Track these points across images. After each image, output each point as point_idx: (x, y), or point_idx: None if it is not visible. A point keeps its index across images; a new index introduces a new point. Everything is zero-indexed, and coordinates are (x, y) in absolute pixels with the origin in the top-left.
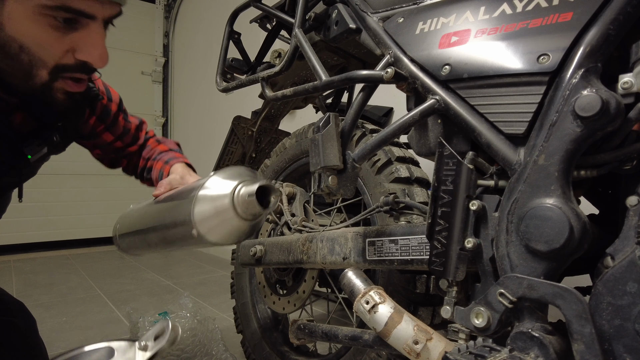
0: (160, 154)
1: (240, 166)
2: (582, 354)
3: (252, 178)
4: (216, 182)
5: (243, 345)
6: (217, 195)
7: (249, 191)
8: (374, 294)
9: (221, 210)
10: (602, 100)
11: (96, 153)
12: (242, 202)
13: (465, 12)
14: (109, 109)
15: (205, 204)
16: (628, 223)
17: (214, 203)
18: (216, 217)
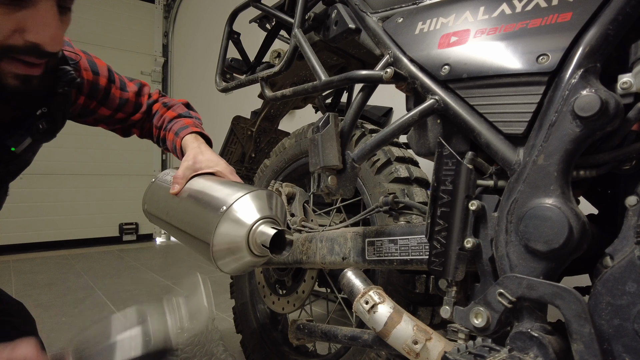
0: (170, 123)
1: (264, 191)
2: (582, 354)
3: (272, 212)
4: (236, 212)
5: (242, 345)
6: (234, 233)
7: (264, 239)
8: (373, 294)
9: (236, 249)
10: (601, 100)
11: (102, 126)
12: (256, 245)
13: (465, 12)
14: (97, 85)
15: (223, 240)
16: (627, 223)
17: (231, 240)
18: (231, 252)
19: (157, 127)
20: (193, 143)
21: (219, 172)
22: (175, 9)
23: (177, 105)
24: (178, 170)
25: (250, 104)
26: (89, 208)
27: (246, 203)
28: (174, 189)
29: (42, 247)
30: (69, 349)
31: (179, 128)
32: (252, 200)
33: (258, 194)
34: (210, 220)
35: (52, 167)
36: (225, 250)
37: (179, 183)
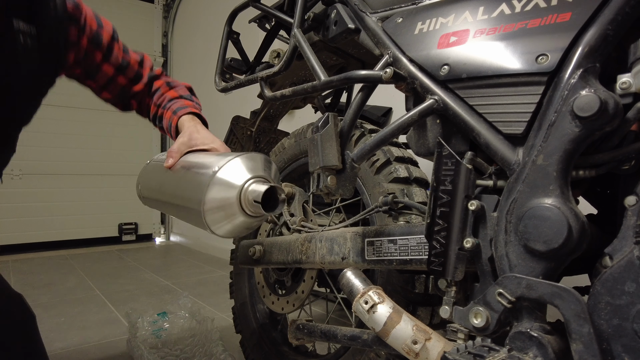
0: (170, 102)
1: (257, 154)
2: (581, 354)
3: (265, 173)
4: (228, 172)
5: (242, 345)
6: (225, 192)
7: (255, 195)
8: (372, 294)
9: (227, 207)
10: (600, 101)
11: (105, 96)
12: (248, 202)
13: (464, 12)
14: (100, 35)
15: (214, 198)
16: (626, 223)
17: (222, 198)
18: (223, 211)
19: (157, 104)
20: (189, 122)
21: (214, 149)
22: (175, 9)
23: (180, 86)
24: (173, 145)
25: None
26: (89, 208)
27: (237, 164)
28: (167, 162)
29: (42, 247)
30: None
31: (177, 107)
32: (243, 161)
33: (251, 156)
34: (202, 184)
35: (52, 167)
36: (217, 211)
37: (173, 157)
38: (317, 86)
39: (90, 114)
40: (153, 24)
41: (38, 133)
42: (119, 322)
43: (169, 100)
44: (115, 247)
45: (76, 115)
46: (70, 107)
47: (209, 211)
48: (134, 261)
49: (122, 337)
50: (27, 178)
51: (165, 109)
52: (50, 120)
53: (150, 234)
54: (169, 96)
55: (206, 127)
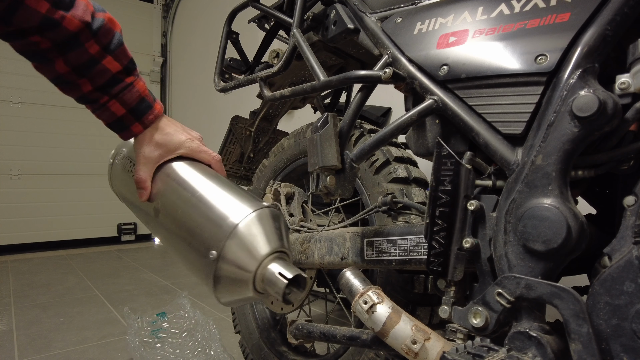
0: (116, 84)
1: (274, 212)
2: (580, 354)
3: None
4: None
5: (241, 345)
6: (241, 267)
7: (277, 289)
8: (372, 294)
9: (240, 285)
10: (599, 101)
11: None
12: (265, 284)
13: (463, 12)
14: None
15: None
16: (625, 223)
17: (236, 273)
18: (232, 290)
19: (77, 69)
20: (159, 133)
21: (185, 154)
22: (174, 9)
23: (114, 37)
24: (136, 169)
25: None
26: (88, 208)
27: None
28: (141, 195)
29: (40, 247)
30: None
31: (136, 103)
32: (248, 233)
33: (255, 219)
34: (202, 264)
35: (51, 167)
36: (228, 299)
37: (143, 187)
38: (316, 86)
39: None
40: (152, 23)
41: (37, 133)
42: (117, 322)
43: (111, 80)
44: (114, 247)
45: (75, 115)
46: (69, 107)
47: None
48: (133, 261)
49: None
50: (26, 178)
51: (108, 94)
52: (49, 120)
53: (150, 234)
54: (108, 69)
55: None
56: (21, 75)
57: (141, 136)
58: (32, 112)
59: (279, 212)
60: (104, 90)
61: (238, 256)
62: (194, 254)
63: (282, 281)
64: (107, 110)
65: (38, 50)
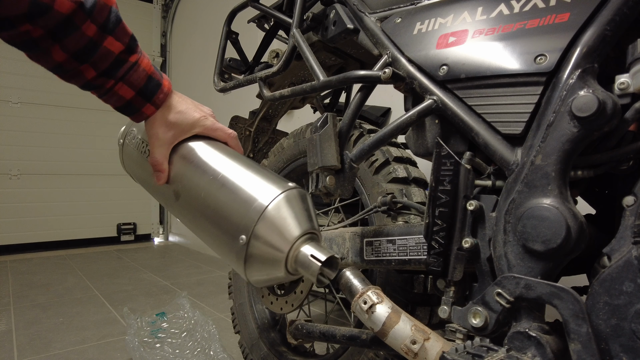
0: (120, 66)
1: (297, 189)
2: (579, 354)
3: (314, 229)
4: (275, 221)
5: (241, 345)
6: (273, 250)
7: (312, 272)
8: (371, 294)
9: (273, 266)
10: (598, 101)
11: None
12: (298, 265)
13: (463, 12)
14: None
15: (258, 271)
16: (624, 223)
17: (268, 256)
18: (264, 271)
19: (76, 55)
20: (172, 111)
21: (200, 133)
22: (174, 9)
23: (110, 13)
24: (151, 152)
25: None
26: (87, 208)
27: (272, 225)
28: (158, 179)
29: (40, 247)
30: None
31: (144, 83)
32: (279, 215)
33: (287, 198)
34: (232, 247)
35: (50, 167)
36: (260, 275)
37: (160, 170)
38: (316, 86)
39: (89, 113)
40: (152, 23)
41: (36, 133)
42: (117, 322)
43: (115, 62)
44: (114, 247)
45: (74, 115)
46: (69, 107)
47: (251, 275)
48: (132, 261)
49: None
50: (25, 178)
51: (113, 78)
52: (48, 120)
53: (149, 234)
54: (112, 51)
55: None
56: (20, 75)
57: (152, 116)
58: (31, 112)
59: (305, 192)
60: (108, 74)
61: (269, 239)
62: (224, 237)
63: (316, 264)
64: (115, 94)
65: (29, 39)
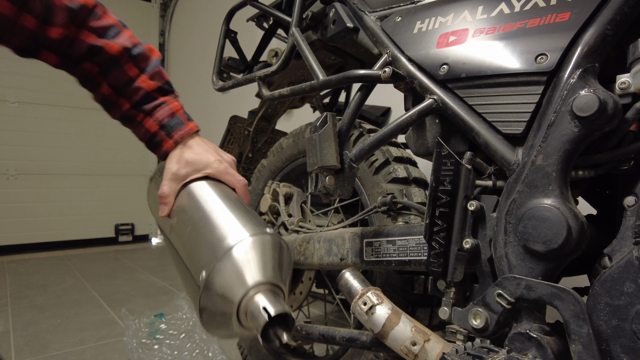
0: (150, 102)
1: (277, 241)
2: (580, 355)
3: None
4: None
5: (239, 347)
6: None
7: (257, 325)
8: (371, 295)
9: (224, 315)
10: (599, 101)
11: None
12: (248, 317)
13: (463, 11)
14: None
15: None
16: (625, 223)
17: (219, 311)
18: (219, 324)
19: (117, 90)
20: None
21: (211, 175)
22: (172, 8)
23: (151, 62)
24: (162, 184)
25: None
26: (85, 208)
27: (231, 267)
28: (161, 211)
29: (37, 248)
30: None
31: (168, 120)
32: (241, 258)
33: (253, 244)
34: (193, 290)
35: (48, 167)
36: (212, 324)
37: (165, 203)
38: (315, 85)
39: (87, 113)
40: (150, 22)
41: (34, 133)
42: (115, 324)
43: (144, 97)
44: (112, 248)
45: (72, 115)
46: (67, 107)
47: (205, 321)
48: (130, 262)
49: (118, 339)
50: (23, 178)
51: (142, 111)
52: (46, 120)
53: (147, 235)
54: (143, 88)
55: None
56: (18, 74)
57: (172, 153)
58: (29, 112)
59: (283, 243)
60: (139, 107)
61: (225, 281)
62: (189, 277)
63: (263, 317)
64: (143, 127)
65: (91, 77)
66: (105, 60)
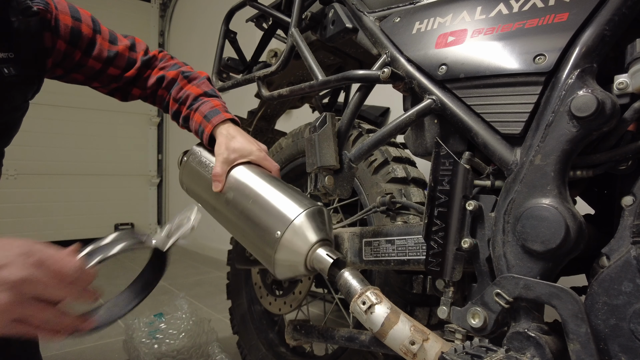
0: (196, 102)
1: (317, 207)
2: (578, 354)
3: (328, 231)
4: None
5: (239, 346)
6: (293, 257)
7: (322, 267)
8: (370, 295)
9: (295, 269)
10: (597, 101)
11: (96, 86)
12: (312, 266)
13: (462, 12)
14: (79, 32)
15: (282, 260)
16: (623, 223)
17: (289, 262)
18: (290, 270)
19: (178, 100)
20: (224, 130)
21: (253, 161)
22: (171, 8)
23: (199, 78)
24: (215, 166)
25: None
26: (84, 208)
27: (301, 227)
28: (216, 187)
29: None
30: None
31: (208, 111)
32: (306, 222)
33: (310, 213)
34: (267, 245)
35: (47, 167)
36: (285, 267)
37: (219, 181)
38: (314, 86)
39: (87, 113)
40: (149, 22)
41: (33, 133)
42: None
43: (194, 99)
44: None
45: (72, 114)
46: (66, 107)
47: (278, 268)
48: (130, 262)
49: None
50: (22, 178)
51: (192, 109)
52: (45, 119)
53: None
54: (192, 93)
55: (237, 125)
56: None
57: (219, 141)
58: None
59: (325, 210)
60: (190, 107)
61: (296, 239)
62: (263, 233)
63: (328, 261)
64: (193, 121)
65: (165, 100)
66: (168, 82)
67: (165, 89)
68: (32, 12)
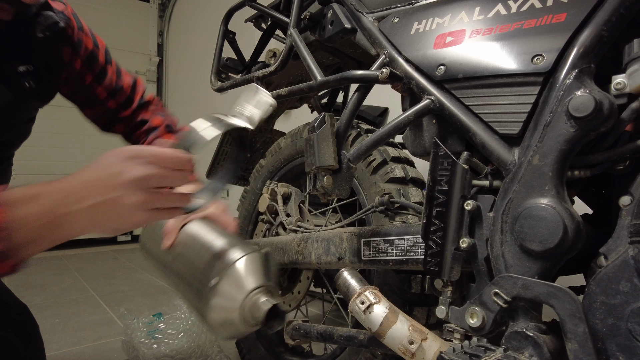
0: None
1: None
2: (576, 353)
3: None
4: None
5: (238, 346)
6: (226, 312)
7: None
8: (369, 294)
9: (230, 323)
10: (595, 101)
11: (88, 112)
12: (250, 317)
13: (460, 12)
14: (96, 56)
15: (215, 318)
16: (621, 223)
17: (224, 318)
18: (226, 325)
19: (149, 144)
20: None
21: (210, 215)
22: (171, 8)
23: (176, 125)
24: (169, 221)
25: None
26: None
27: (235, 276)
28: (165, 242)
29: None
30: None
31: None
32: (242, 269)
33: (249, 259)
34: (202, 298)
35: (46, 167)
36: (220, 323)
37: (170, 236)
38: (313, 86)
39: None
40: (148, 23)
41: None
42: (114, 323)
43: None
44: (110, 248)
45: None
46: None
47: (214, 325)
48: (129, 262)
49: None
50: (21, 178)
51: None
52: (45, 120)
53: None
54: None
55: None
56: None
57: None
58: None
59: (266, 254)
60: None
61: (232, 286)
62: (195, 289)
63: (265, 308)
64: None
65: (138, 142)
66: (149, 127)
67: (145, 132)
68: (59, 28)
